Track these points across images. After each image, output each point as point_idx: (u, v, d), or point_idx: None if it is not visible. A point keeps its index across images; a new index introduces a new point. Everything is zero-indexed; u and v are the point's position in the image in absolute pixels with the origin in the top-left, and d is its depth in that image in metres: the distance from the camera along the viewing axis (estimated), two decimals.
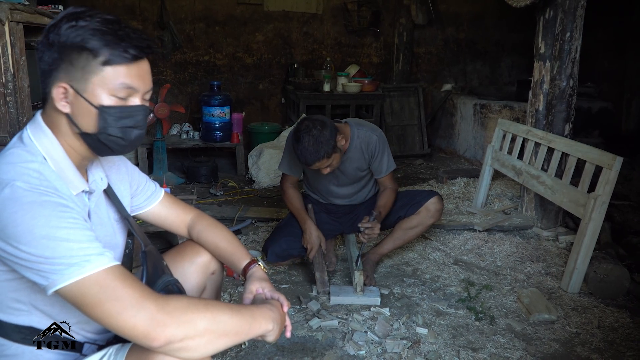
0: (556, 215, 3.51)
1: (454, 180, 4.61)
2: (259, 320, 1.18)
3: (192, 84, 6.02)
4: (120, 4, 5.68)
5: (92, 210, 1.24)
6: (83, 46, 1.08)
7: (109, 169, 1.36)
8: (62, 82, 1.10)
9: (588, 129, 5.27)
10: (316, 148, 2.35)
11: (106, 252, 1.04)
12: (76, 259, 0.99)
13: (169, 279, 1.34)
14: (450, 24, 6.66)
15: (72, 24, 1.08)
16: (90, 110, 1.12)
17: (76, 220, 1.04)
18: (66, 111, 1.12)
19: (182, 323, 1.01)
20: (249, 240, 3.32)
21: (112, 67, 1.10)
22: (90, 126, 1.13)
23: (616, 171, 2.65)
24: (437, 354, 2.16)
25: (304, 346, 2.19)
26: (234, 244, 1.53)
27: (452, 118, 5.96)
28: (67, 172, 1.14)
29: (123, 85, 1.12)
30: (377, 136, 2.70)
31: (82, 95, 1.10)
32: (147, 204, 1.50)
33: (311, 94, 5.48)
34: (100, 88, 1.10)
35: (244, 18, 6.06)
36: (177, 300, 1.05)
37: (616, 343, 2.27)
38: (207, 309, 1.06)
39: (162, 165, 4.54)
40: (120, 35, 1.10)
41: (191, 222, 1.56)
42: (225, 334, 1.08)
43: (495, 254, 3.16)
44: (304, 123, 2.43)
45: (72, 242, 1.00)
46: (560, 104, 3.33)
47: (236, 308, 1.14)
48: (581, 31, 3.25)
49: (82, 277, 0.99)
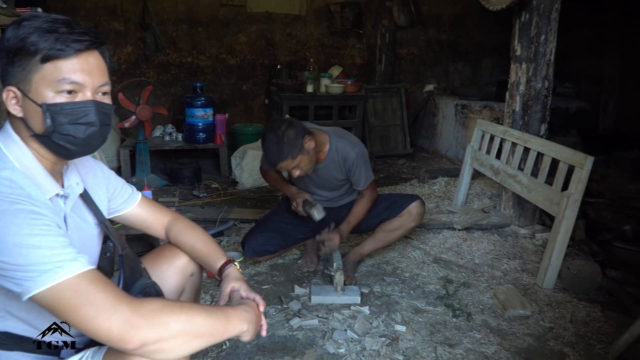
0: (533, 214, 3.59)
1: (435, 179, 4.68)
2: (233, 321, 1.20)
3: (175, 85, 6.02)
4: (101, 5, 5.67)
5: (68, 214, 1.25)
6: (22, 47, 1.08)
7: (86, 174, 1.38)
8: (10, 85, 1.12)
9: (566, 128, 5.38)
10: (279, 148, 2.37)
11: (80, 257, 1.05)
12: (49, 266, 1.00)
13: (146, 281, 1.36)
14: (432, 25, 6.73)
15: (15, 27, 1.09)
16: (37, 110, 1.11)
17: (48, 227, 1.05)
18: (20, 115, 1.13)
19: (157, 325, 1.03)
20: (231, 241, 3.35)
21: (51, 63, 1.09)
22: (39, 126, 1.12)
23: (587, 170, 2.73)
24: (414, 350, 2.21)
25: (285, 345, 2.23)
26: (210, 245, 1.56)
27: (434, 118, 6.04)
28: (39, 177, 1.15)
29: (65, 80, 1.11)
30: (356, 153, 2.63)
31: (27, 95, 1.11)
32: (125, 206, 1.52)
33: (294, 95, 5.51)
34: (43, 86, 1.10)
35: (227, 19, 6.07)
36: (151, 303, 1.06)
37: (587, 337, 2.34)
38: (181, 310, 1.08)
39: (144, 167, 4.55)
40: (61, 31, 1.09)
41: (168, 225, 1.58)
42: (200, 335, 1.10)
43: (474, 252, 3.23)
44: (271, 123, 2.46)
45: (45, 249, 1.01)
46: (535, 104, 3.41)
47: (211, 309, 1.16)
48: (556, 34, 3.33)
49: (56, 283, 1.00)
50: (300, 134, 2.41)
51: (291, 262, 3.08)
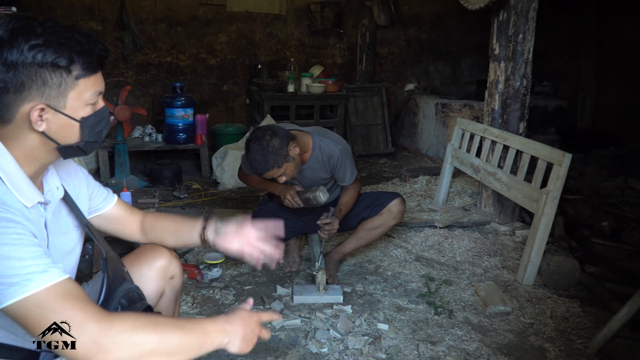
0: (513, 211, 3.63)
1: (416, 178, 4.70)
2: (211, 335, 1.14)
3: (154, 85, 5.96)
4: (78, 5, 5.58)
5: (49, 220, 1.23)
6: (56, 64, 1.07)
7: (67, 175, 1.36)
8: (36, 102, 1.08)
9: (545, 126, 5.44)
10: (265, 158, 2.37)
11: (51, 267, 1.02)
12: (17, 278, 0.97)
13: (129, 286, 1.34)
14: (412, 25, 6.77)
15: (33, 42, 1.05)
16: (72, 124, 1.14)
17: (20, 236, 1.02)
18: (42, 129, 1.11)
19: (126, 347, 0.99)
20: None
21: (84, 79, 1.12)
22: (72, 138, 1.15)
23: (566, 167, 2.76)
24: (397, 348, 2.22)
25: (267, 346, 2.22)
26: (184, 219, 1.59)
27: (415, 117, 6.07)
28: (20, 185, 1.12)
29: (95, 93, 1.16)
30: (340, 150, 2.66)
31: (61, 112, 1.11)
32: (104, 205, 1.51)
33: (275, 94, 5.50)
34: (78, 101, 1.13)
35: (206, 19, 6.03)
36: (121, 322, 1.02)
37: (567, 332, 2.37)
38: (154, 329, 1.04)
39: (124, 168, 4.49)
40: (85, 47, 1.11)
41: (142, 217, 1.59)
42: (174, 353, 1.06)
43: (455, 250, 3.25)
44: (254, 132, 2.45)
45: (14, 260, 0.98)
46: (514, 103, 3.45)
47: (188, 326, 1.11)
48: (533, 33, 3.37)
49: (23, 297, 0.97)
50: (284, 142, 2.41)
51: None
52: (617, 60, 5.89)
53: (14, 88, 1.06)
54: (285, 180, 2.53)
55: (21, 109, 1.09)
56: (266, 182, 2.80)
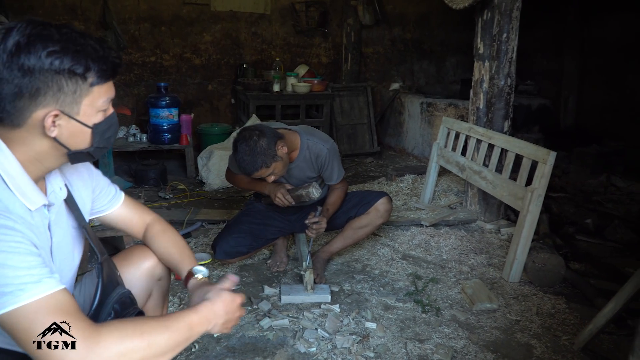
0: (498, 209, 3.66)
1: (402, 177, 4.72)
2: (196, 328, 1.17)
3: (138, 85, 5.90)
4: (60, 4, 5.50)
5: (53, 221, 1.21)
6: (73, 71, 1.06)
7: (71, 175, 1.34)
8: (50, 108, 1.07)
9: (529, 125, 5.49)
10: (253, 158, 2.36)
11: (45, 278, 1.00)
12: (11, 288, 0.96)
13: (122, 290, 1.35)
14: (396, 24, 6.79)
15: (50, 49, 1.04)
16: (84, 131, 1.14)
17: (18, 244, 1.00)
18: (54, 135, 1.10)
19: (115, 359, 0.99)
20: (199, 242, 3.30)
21: (98, 87, 1.12)
22: (83, 144, 1.15)
23: (550, 165, 2.79)
24: (385, 347, 2.22)
25: (255, 346, 2.21)
26: (184, 250, 1.54)
27: (400, 116, 6.09)
28: (25, 188, 1.10)
29: (107, 100, 1.16)
30: (328, 149, 2.66)
31: (75, 118, 1.11)
32: (109, 207, 1.49)
33: (261, 94, 5.48)
34: (91, 108, 1.13)
35: (190, 18, 5.98)
36: (108, 335, 1.01)
37: (553, 328, 2.39)
38: (142, 337, 1.04)
39: (108, 169, 4.43)
40: (99, 54, 1.11)
41: (148, 226, 1.56)
42: (164, 353, 1.08)
43: (442, 248, 3.27)
44: (242, 133, 2.44)
45: (8, 269, 0.97)
46: (499, 102, 3.47)
47: (174, 324, 1.12)
48: (517, 32, 3.40)
49: (14, 307, 0.96)
50: (272, 141, 2.40)
51: (260, 262, 3.05)
52: (599, 59, 5.97)
53: (29, 93, 1.05)
54: (274, 179, 2.52)
55: (34, 114, 1.07)
56: (255, 182, 2.78)
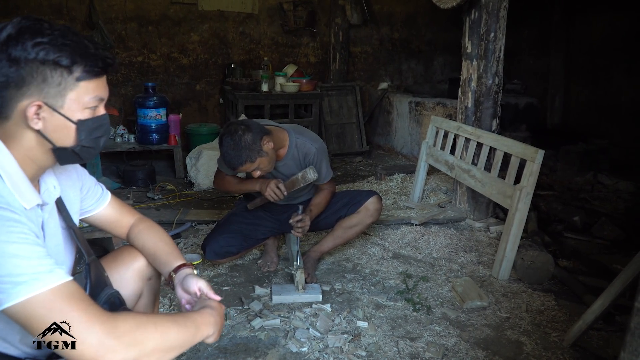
0: (487, 207, 3.68)
1: (391, 176, 4.73)
2: (202, 329, 1.20)
3: (125, 85, 5.85)
4: (46, 4, 5.43)
5: (46, 220, 1.21)
6: (58, 63, 1.06)
7: (60, 174, 1.34)
8: (34, 99, 1.07)
9: (516, 123, 5.53)
10: (237, 152, 2.35)
11: (56, 268, 1.02)
12: (24, 277, 0.96)
13: (111, 291, 1.35)
14: (384, 23, 6.80)
15: (38, 40, 1.05)
16: (68, 126, 1.12)
17: (26, 236, 1.01)
18: (38, 128, 1.10)
19: (132, 346, 1.01)
20: (189, 243, 3.28)
21: (85, 82, 1.11)
22: (67, 140, 1.14)
23: (539, 163, 2.81)
24: (377, 345, 2.22)
25: (247, 347, 2.20)
26: (169, 245, 1.53)
27: (389, 116, 6.11)
28: (21, 186, 1.11)
29: (96, 98, 1.15)
30: (317, 148, 2.66)
31: (58, 111, 1.10)
32: (96, 206, 1.49)
33: (249, 94, 5.46)
34: (76, 103, 1.12)
35: (178, 18, 5.94)
36: (125, 321, 1.03)
37: (542, 325, 2.41)
38: (155, 327, 1.07)
39: (95, 170, 4.39)
40: (90, 51, 1.11)
41: (131, 227, 1.56)
42: (173, 349, 1.11)
43: (432, 246, 3.28)
44: (228, 127, 2.43)
45: (21, 259, 0.97)
46: (487, 100, 3.49)
47: (182, 321, 1.16)
48: (504, 31, 3.42)
49: (29, 296, 0.96)
50: (258, 136, 2.39)
51: (251, 262, 3.04)
52: (585, 58, 6.03)
53: (15, 83, 1.06)
54: (260, 174, 2.50)
55: (19, 104, 1.08)
56: (244, 183, 2.77)
